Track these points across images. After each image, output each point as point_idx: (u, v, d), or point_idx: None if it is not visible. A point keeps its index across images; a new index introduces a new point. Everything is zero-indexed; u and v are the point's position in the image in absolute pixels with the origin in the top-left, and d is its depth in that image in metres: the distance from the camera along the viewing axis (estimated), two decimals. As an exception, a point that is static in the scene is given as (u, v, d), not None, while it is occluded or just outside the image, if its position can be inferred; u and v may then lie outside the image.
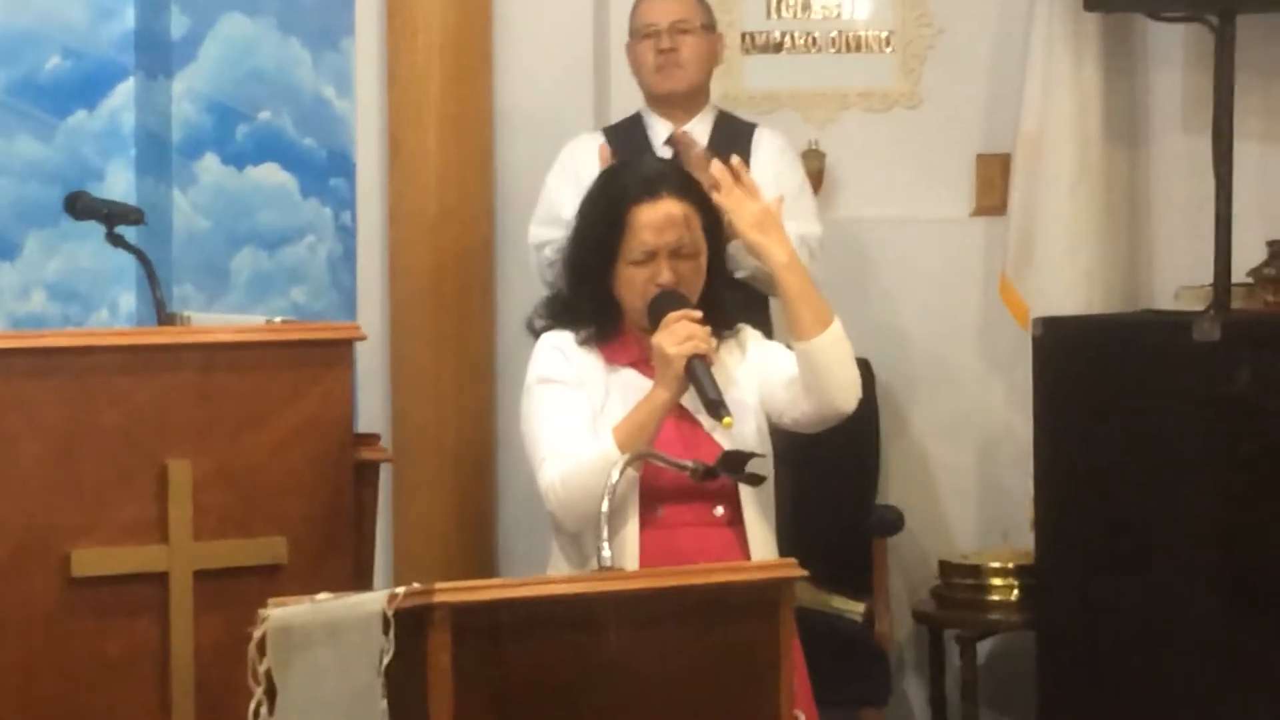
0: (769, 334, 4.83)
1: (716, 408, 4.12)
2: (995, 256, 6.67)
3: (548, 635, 3.45)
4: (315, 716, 3.51)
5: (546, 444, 4.30)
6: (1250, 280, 6.19)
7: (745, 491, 4.30)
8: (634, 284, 4.30)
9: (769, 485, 4.36)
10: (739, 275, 5.04)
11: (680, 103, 5.94)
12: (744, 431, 4.30)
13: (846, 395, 4.36)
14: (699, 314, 4.20)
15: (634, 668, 3.50)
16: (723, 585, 3.71)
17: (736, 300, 4.65)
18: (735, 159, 4.31)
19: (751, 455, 4.18)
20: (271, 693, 3.48)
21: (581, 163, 5.69)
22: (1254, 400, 5.91)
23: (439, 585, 3.33)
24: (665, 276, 4.26)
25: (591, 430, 4.28)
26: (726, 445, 4.24)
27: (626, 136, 5.93)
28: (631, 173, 4.54)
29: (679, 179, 4.47)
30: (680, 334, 4.14)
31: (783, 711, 3.64)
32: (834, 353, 4.28)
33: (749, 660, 3.63)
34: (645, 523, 4.26)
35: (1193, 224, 6.40)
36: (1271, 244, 6.25)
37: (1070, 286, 6.47)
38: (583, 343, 4.38)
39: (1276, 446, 5.93)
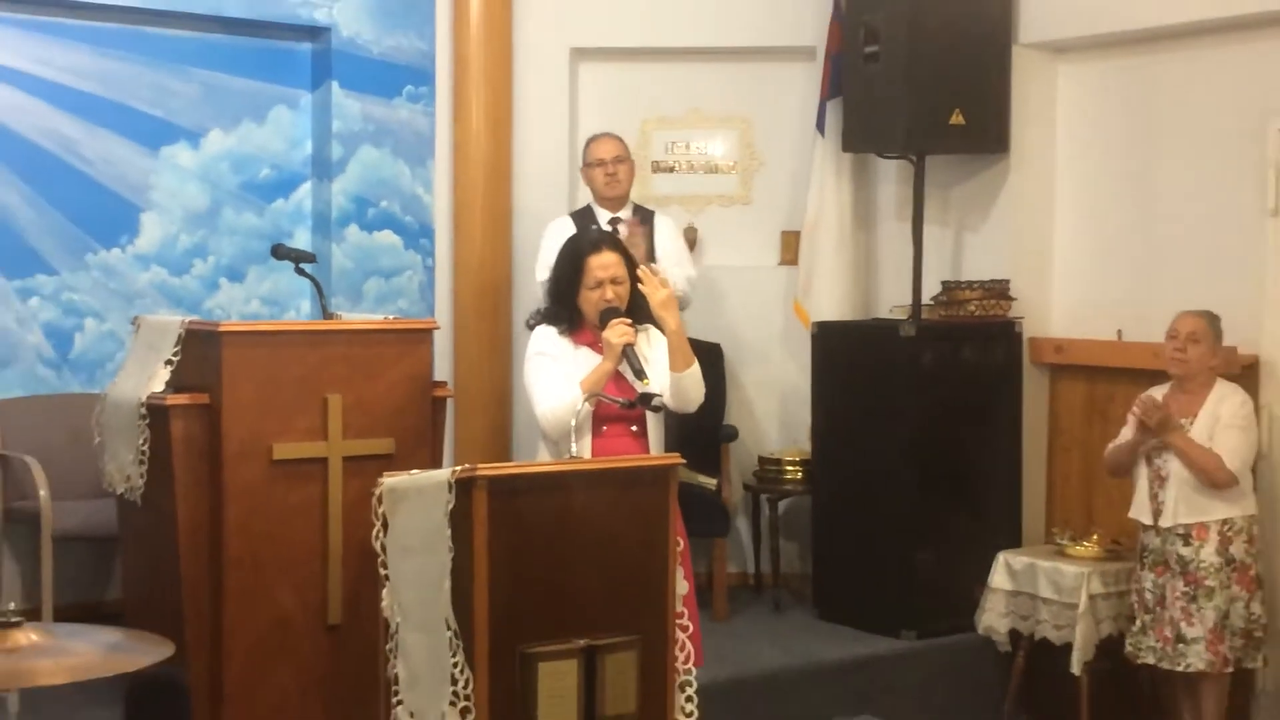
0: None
1: (640, 374, 4.23)
2: (790, 288, 6.83)
3: (542, 495, 3.61)
4: (409, 541, 3.69)
5: (540, 390, 4.33)
6: (932, 302, 6.29)
7: (650, 417, 4.37)
8: (590, 301, 4.35)
9: (663, 413, 4.42)
10: None
11: (616, 202, 6.02)
12: (655, 390, 4.29)
13: (694, 403, 4.46)
14: (629, 320, 4.30)
15: (588, 513, 3.67)
16: (637, 467, 3.96)
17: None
18: (656, 267, 4.40)
19: (656, 395, 4.23)
20: (385, 526, 3.75)
21: (562, 233, 5.64)
22: (933, 371, 6.09)
23: (480, 465, 3.52)
24: (609, 296, 4.33)
25: (564, 383, 4.28)
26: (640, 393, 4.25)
27: (583, 218, 5.93)
28: (587, 238, 4.66)
29: (614, 241, 4.54)
30: (618, 331, 4.24)
31: (670, 538, 3.81)
32: (689, 381, 4.37)
33: (652, 509, 3.80)
34: (595, 434, 4.31)
35: (900, 270, 6.46)
36: (944, 283, 6.34)
37: (833, 305, 6.64)
38: (560, 333, 4.42)
39: (945, 397, 6.11)
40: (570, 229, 5.76)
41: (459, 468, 3.56)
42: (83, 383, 5.92)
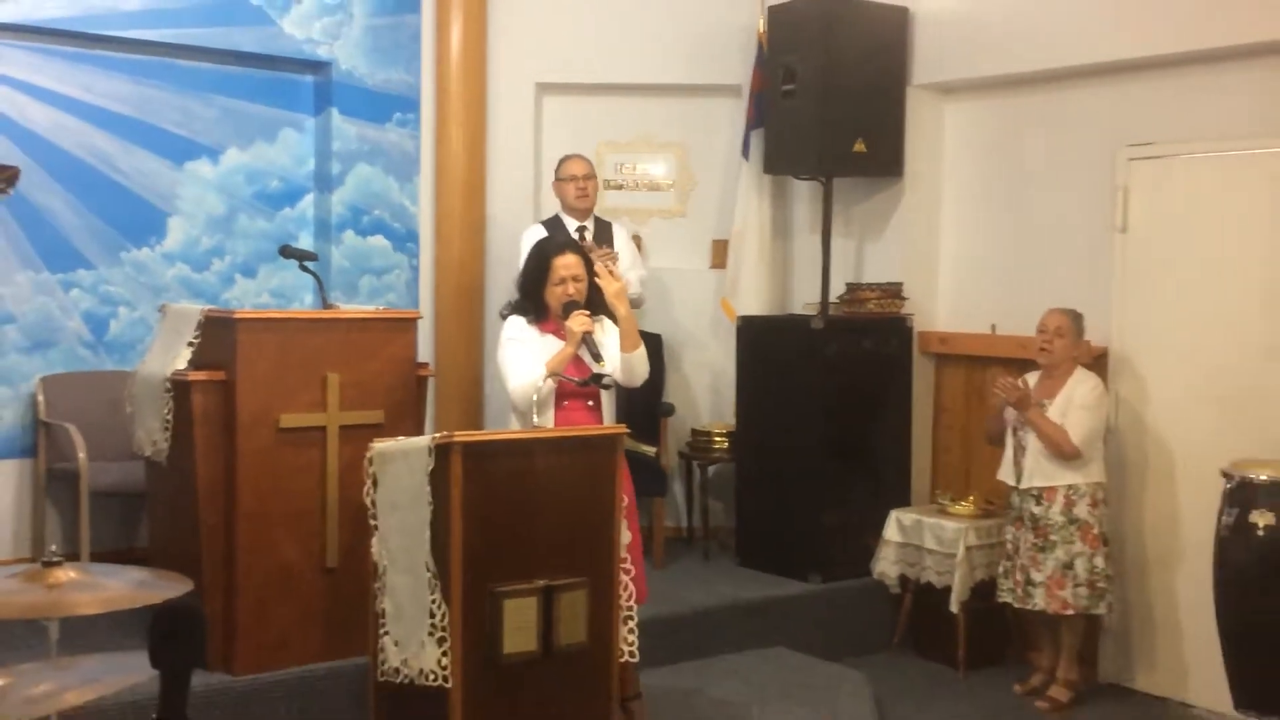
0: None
1: (597, 357, 4.26)
2: (719, 288, 6.79)
3: (508, 458, 3.61)
4: (395, 497, 3.66)
5: (512, 370, 4.32)
6: (837, 301, 6.30)
7: (604, 395, 4.36)
8: (555, 295, 4.34)
9: (615, 390, 4.45)
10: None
11: (584, 213, 5.98)
12: (609, 371, 4.35)
13: (640, 378, 4.47)
14: (588, 311, 4.31)
15: (547, 474, 3.67)
16: (589, 435, 3.97)
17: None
18: (612, 254, 4.59)
19: (606, 376, 4.27)
20: (375, 484, 3.73)
21: (530, 238, 5.54)
22: (838, 358, 6.07)
23: (456, 433, 3.53)
24: (570, 291, 4.33)
25: (532, 364, 4.26)
26: (596, 372, 4.30)
27: (554, 226, 5.87)
28: (553, 242, 4.64)
29: (576, 246, 4.54)
30: (579, 320, 4.26)
31: (616, 495, 3.82)
32: (637, 359, 4.38)
33: (601, 471, 3.81)
34: (557, 408, 4.30)
35: (812, 273, 6.48)
36: (848, 284, 6.35)
37: (755, 302, 6.62)
38: (529, 322, 4.40)
39: (848, 380, 6.08)
40: (537, 234, 5.74)
41: (438, 435, 3.57)
42: (116, 361, 5.87)
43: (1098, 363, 5.55)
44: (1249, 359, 5.21)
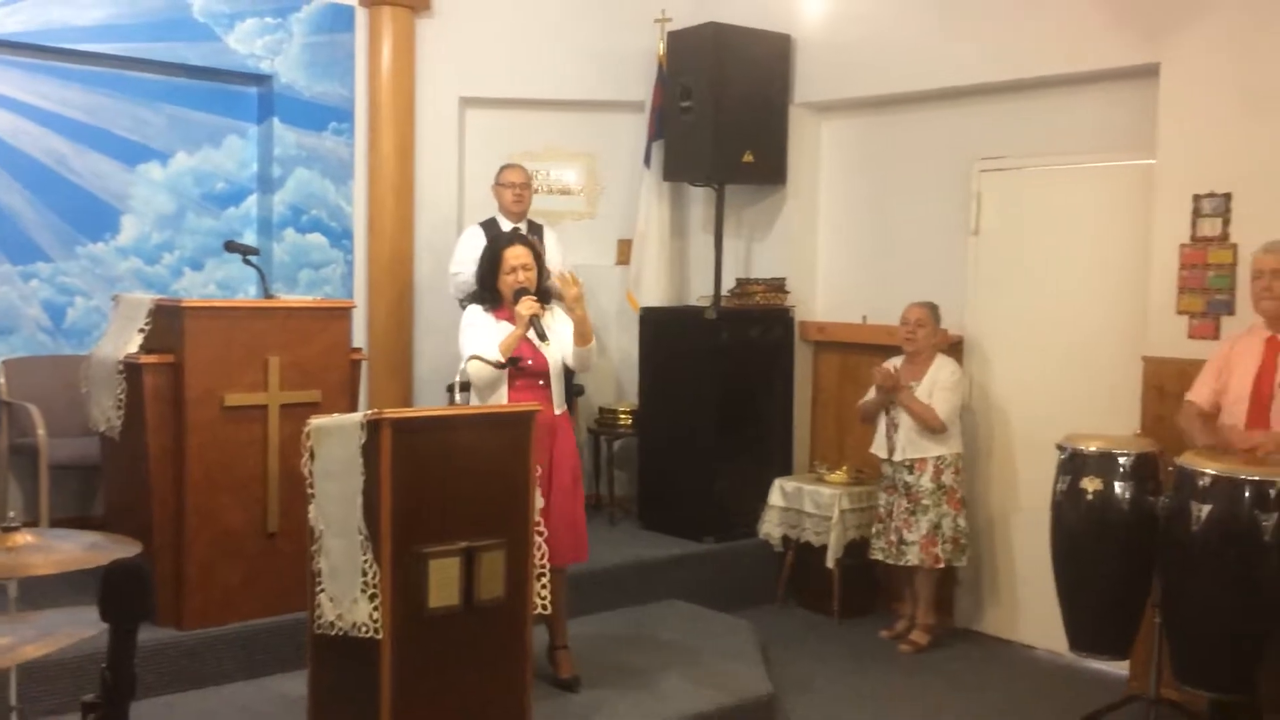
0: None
1: (543, 337, 4.19)
2: (624, 282, 6.79)
3: (435, 433, 3.54)
4: (330, 467, 3.57)
5: (469, 350, 4.23)
6: (728, 294, 6.31)
7: (554, 376, 4.28)
8: (507, 284, 4.27)
9: (564, 373, 4.34)
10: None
11: (519, 216, 5.88)
12: (555, 350, 4.29)
13: (590, 367, 4.47)
14: (535, 297, 4.24)
15: (469, 447, 3.60)
16: (505, 413, 3.91)
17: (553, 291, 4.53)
18: (571, 273, 4.26)
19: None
20: (312, 456, 3.61)
21: (473, 237, 5.73)
22: (729, 345, 6.10)
23: (386, 410, 3.45)
24: (520, 279, 4.26)
25: (487, 347, 4.20)
26: (547, 355, 4.25)
27: (491, 227, 5.76)
28: (504, 237, 4.53)
29: (524, 240, 4.42)
30: (526, 304, 4.18)
31: (529, 466, 3.74)
32: (589, 351, 4.33)
33: (517, 445, 3.71)
34: (510, 388, 4.21)
35: (706, 269, 6.45)
36: (738, 279, 6.40)
37: (656, 295, 6.63)
38: (485, 310, 4.33)
39: (737, 365, 6.11)
40: (480, 235, 5.71)
41: (370, 412, 3.50)
42: (73, 346, 5.74)
43: (953, 349, 5.65)
44: (1081, 346, 5.33)
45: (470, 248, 5.72)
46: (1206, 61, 4.68)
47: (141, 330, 4.48)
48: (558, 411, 4.33)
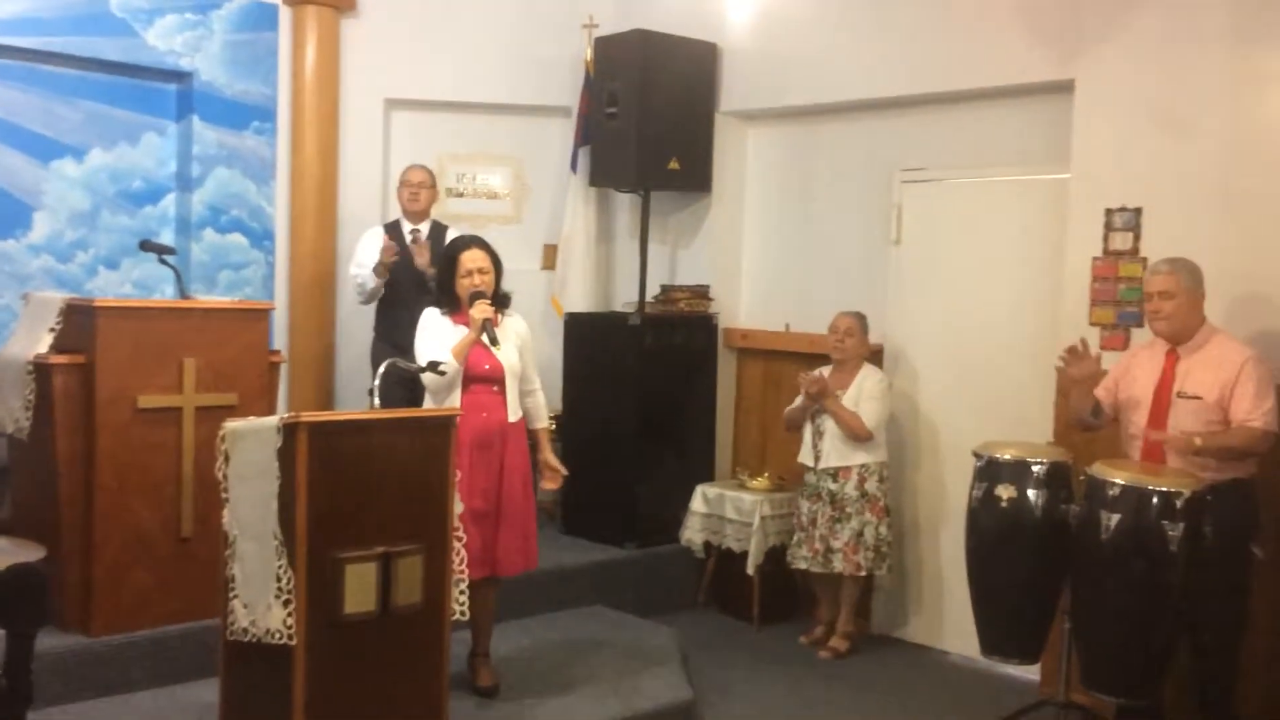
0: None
1: (494, 342, 4.17)
2: (549, 287, 6.76)
3: (351, 436, 3.48)
4: (245, 471, 3.52)
5: (421, 355, 4.21)
6: (653, 300, 6.35)
7: (509, 380, 4.25)
8: (463, 287, 4.25)
9: (518, 376, 4.30)
10: None
11: (418, 216, 5.83)
12: (509, 354, 4.26)
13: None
14: (490, 301, 4.22)
15: (387, 451, 3.55)
16: (424, 417, 3.85)
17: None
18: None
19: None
20: (227, 460, 3.56)
21: (372, 239, 5.75)
22: (653, 351, 6.08)
23: (303, 413, 3.41)
24: (477, 283, 4.24)
25: (440, 349, 4.17)
26: (501, 360, 4.22)
27: (394, 230, 5.78)
28: (461, 240, 4.43)
29: (482, 243, 4.36)
30: (480, 308, 4.16)
31: (450, 470, 3.69)
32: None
33: (437, 449, 3.67)
34: (465, 391, 4.20)
35: (631, 276, 6.49)
36: (663, 286, 6.44)
37: (581, 300, 6.65)
38: (443, 314, 4.29)
39: (661, 371, 6.10)
40: (379, 237, 5.72)
41: (287, 415, 3.45)
42: (-19, 346, 5.54)
43: (874, 357, 5.70)
44: (999, 355, 5.42)
45: (369, 249, 5.72)
46: (1119, 79, 4.79)
47: (52, 330, 4.38)
48: (512, 418, 4.30)
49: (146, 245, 5.05)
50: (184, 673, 4.30)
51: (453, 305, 4.32)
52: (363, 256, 5.75)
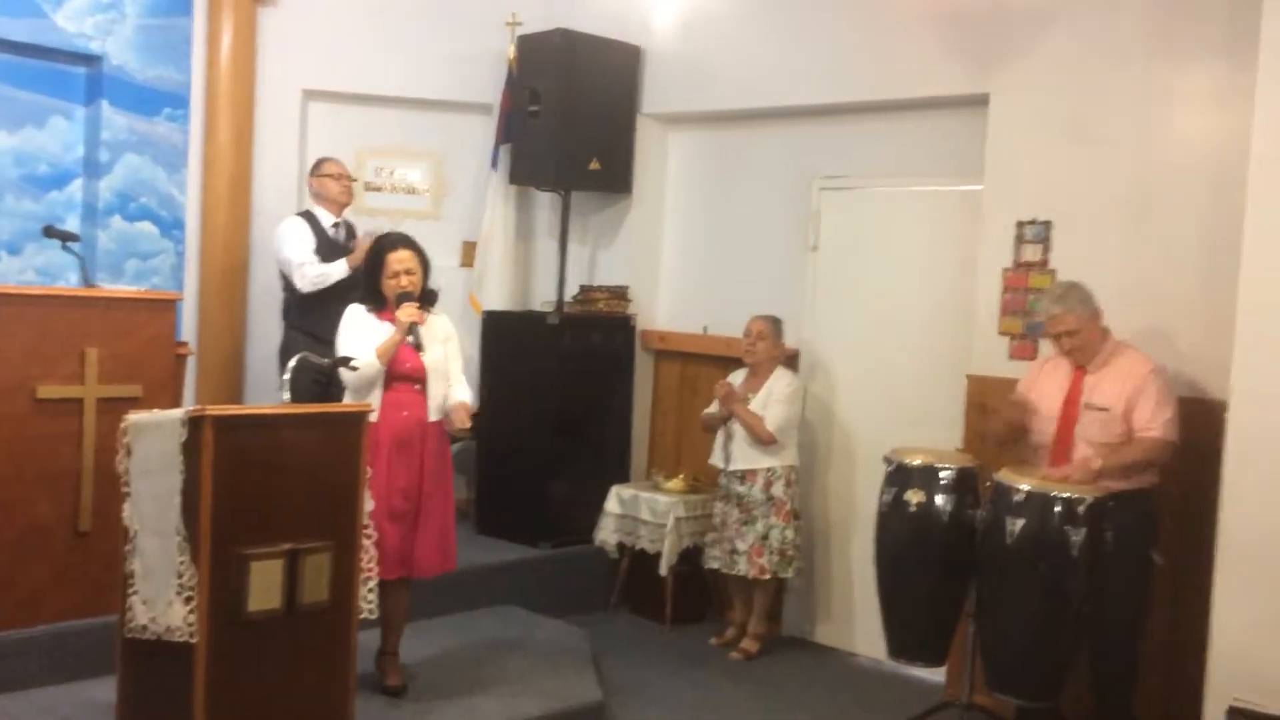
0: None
1: (419, 347, 4.16)
2: (468, 284, 6.68)
3: (258, 431, 3.46)
4: (148, 465, 3.49)
5: (346, 350, 4.16)
6: (572, 300, 6.35)
7: (432, 378, 4.23)
8: (389, 286, 4.23)
9: (440, 375, 4.26)
10: None
11: (339, 208, 5.71)
12: (435, 355, 4.25)
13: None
14: (418, 303, 4.22)
15: (296, 447, 3.52)
16: (335, 412, 3.81)
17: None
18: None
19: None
20: (129, 453, 3.55)
21: (295, 226, 5.61)
22: (571, 351, 6.11)
23: (209, 407, 3.38)
24: (404, 284, 4.22)
25: (362, 348, 4.14)
26: (425, 360, 4.20)
27: (310, 219, 5.65)
28: (388, 239, 4.40)
29: (409, 242, 4.35)
30: (407, 311, 4.16)
31: (360, 467, 3.67)
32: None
33: (347, 446, 3.64)
34: (386, 390, 4.16)
35: (550, 275, 6.49)
36: (582, 286, 6.42)
37: (499, 298, 6.59)
38: (368, 310, 4.27)
39: (579, 371, 6.12)
40: (303, 224, 5.65)
41: (192, 408, 3.40)
42: None
43: (790, 361, 5.76)
44: (913, 362, 5.50)
45: (304, 237, 5.60)
46: (1032, 94, 4.89)
47: (-54, 316, 4.24)
48: (432, 418, 4.28)
49: (50, 231, 4.93)
50: (82, 669, 4.20)
51: (378, 303, 4.29)
52: (302, 245, 5.57)
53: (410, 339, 4.17)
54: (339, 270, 5.52)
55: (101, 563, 4.16)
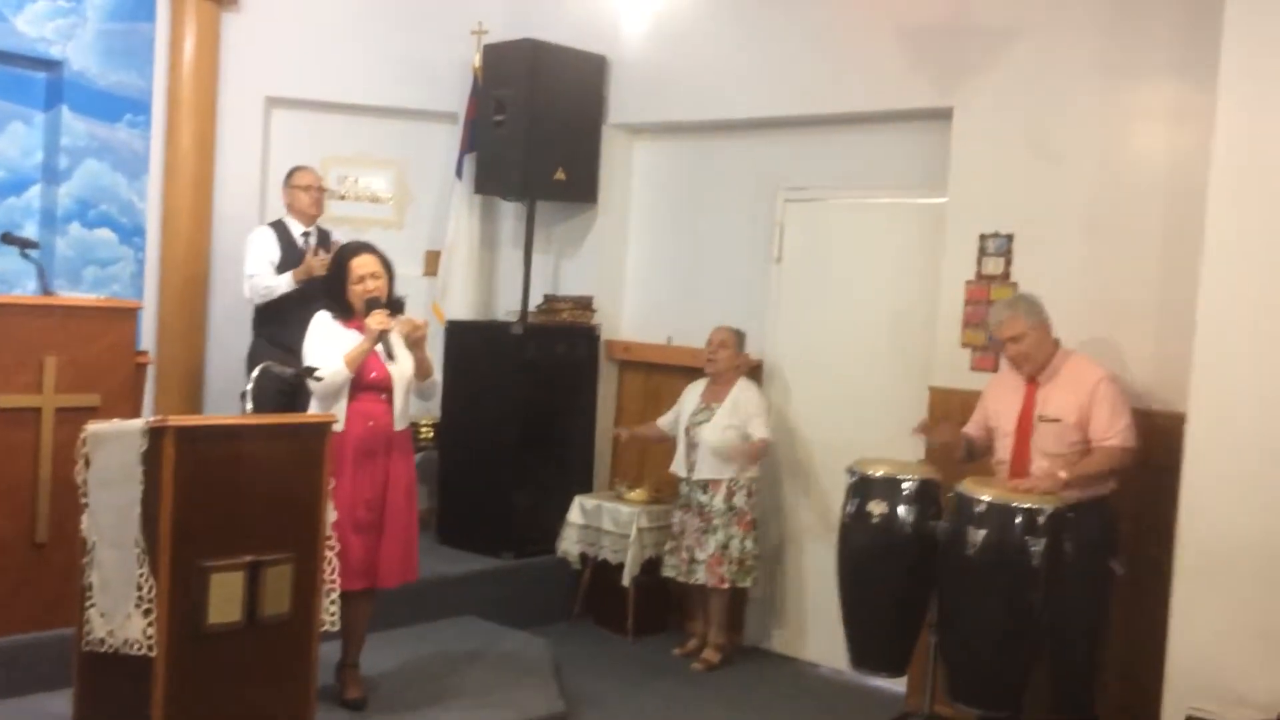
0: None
1: (389, 355, 4.15)
2: (431, 293, 6.67)
3: (219, 442, 3.43)
4: (107, 476, 3.43)
5: (313, 359, 4.13)
6: (536, 310, 6.33)
7: (398, 388, 4.19)
8: (356, 294, 4.21)
9: (407, 385, 4.24)
10: None
11: (309, 218, 5.71)
12: (403, 365, 4.23)
13: (432, 398, 4.53)
14: (386, 310, 4.19)
15: (258, 458, 3.49)
16: (298, 423, 3.77)
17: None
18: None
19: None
20: (87, 463, 3.46)
21: (262, 238, 5.60)
22: (534, 361, 6.08)
23: (170, 417, 3.35)
24: (370, 289, 4.20)
25: (329, 356, 4.11)
26: (392, 370, 4.17)
27: (280, 229, 5.66)
28: (350, 246, 4.40)
29: (371, 248, 4.32)
30: (377, 319, 4.12)
31: (323, 478, 3.64)
32: (430, 384, 4.34)
33: (310, 456, 3.62)
34: (351, 399, 4.13)
35: (514, 284, 6.43)
36: (546, 296, 6.41)
37: (463, 307, 6.62)
38: (334, 318, 4.23)
39: (542, 381, 6.10)
40: (271, 235, 5.63)
41: (153, 418, 3.37)
42: None
43: (754, 372, 5.77)
44: (876, 374, 5.53)
45: (264, 249, 5.60)
46: (995, 108, 4.94)
47: (-98, 323, 4.20)
48: (398, 427, 4.25)
49: (8, 238, 4.88)
50: (37, 683, 4.14)
51: (343, 311, 4.25)
52: (259, 256, 5.59)
53: (380, 347, 4.15)
54: (284, 283, 5.50)
55: (59, 574, 4.11)
